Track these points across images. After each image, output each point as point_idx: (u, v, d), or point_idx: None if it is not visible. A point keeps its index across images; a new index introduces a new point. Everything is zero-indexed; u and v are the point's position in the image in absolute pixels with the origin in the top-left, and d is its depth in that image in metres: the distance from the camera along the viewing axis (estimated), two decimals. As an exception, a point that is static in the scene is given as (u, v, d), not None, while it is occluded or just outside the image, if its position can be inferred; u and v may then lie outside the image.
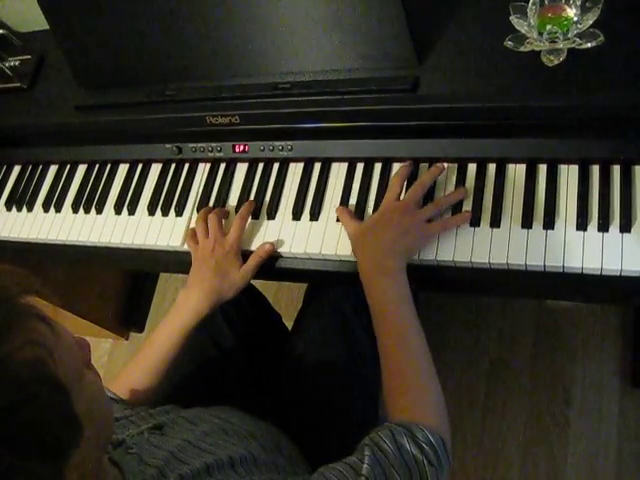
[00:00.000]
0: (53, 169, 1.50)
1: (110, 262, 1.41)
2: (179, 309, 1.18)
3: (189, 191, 1.34)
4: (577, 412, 1.75)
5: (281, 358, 1.35)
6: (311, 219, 1.22)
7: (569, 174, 1.12)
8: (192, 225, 1.29)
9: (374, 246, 1.09)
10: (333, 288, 1.35)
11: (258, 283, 1.47)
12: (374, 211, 1.18)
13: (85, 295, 2.10)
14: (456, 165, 1.18)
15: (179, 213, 1.32)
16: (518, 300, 1.89)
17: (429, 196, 1.16)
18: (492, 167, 1.17)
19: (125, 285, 2.31)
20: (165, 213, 1.33)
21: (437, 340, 1.91)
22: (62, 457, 0.61)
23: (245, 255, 1.22)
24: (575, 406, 1.76)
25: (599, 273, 1.05)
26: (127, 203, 1.38)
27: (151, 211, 1.34)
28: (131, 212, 1.36)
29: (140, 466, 0.80)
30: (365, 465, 0.83)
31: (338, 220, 1.20)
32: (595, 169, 1.11)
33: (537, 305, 1.87)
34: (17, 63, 1.49)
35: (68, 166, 1.48)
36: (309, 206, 1.23)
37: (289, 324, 1.44)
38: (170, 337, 1.16)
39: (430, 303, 1.94)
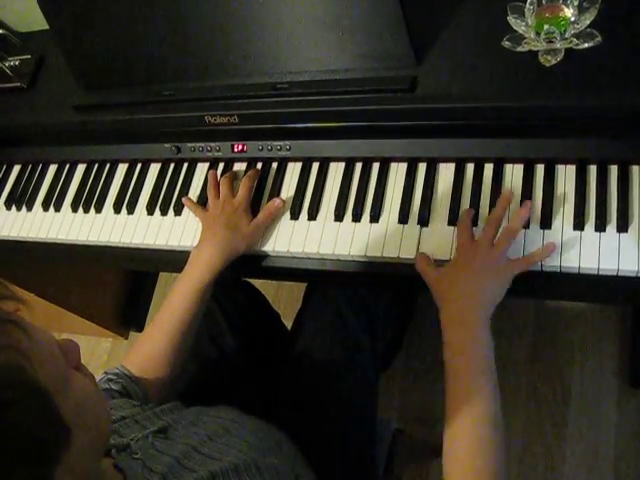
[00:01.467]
0: (52, 168, 1.51)
1: (109, 261, 1.41)
2: (192, 265, 1.18)
3: (188, 191, 1.34)
4: (575, 412, 1.75)
5: (280, 358, 1.35)
6: (309, 219, 1.22)
7: (566, 174, 1.12)
8: (190, 224, 1.30)
9: (459, 293, 1.02)
10: (332, 288, 1.35)
11: (257, 282, 1.47)
12: (372, 211, 1.18)
13: (85, 294, 2.10)
14: (454, 165, 1.18)
15: (178, 212, 1.32)
16: (516, 300, 1.89)
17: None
18: (489, 167, 1.17)
19: (125, 284, 2.32)
20: (164, 212, 1.33)
21: (435, 341, 1.91)
22: (50, 461, 0.60)
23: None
24: (573, 406, 1.76)
25: (596, 273, 1.05)
26: (126, 202, 1.38)
27: (150, 210, 1.35)
28: (130, 211, 1.37)
29: (144, 472, 0.80)
30: None
31: (336, 219, 1.20)
32: (592, 169, 1.11)
33: (535, 305, 1.87)
34: (17, 63, 1.49)
35: (67, 165, 1.49)
36: (307, 206, 1.23)
37: (288, 324, 1.44)
38: (186, 295, 1.15)
39: (429, 304, 1.94)
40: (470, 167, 1.18)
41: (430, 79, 1.14)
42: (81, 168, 1.47)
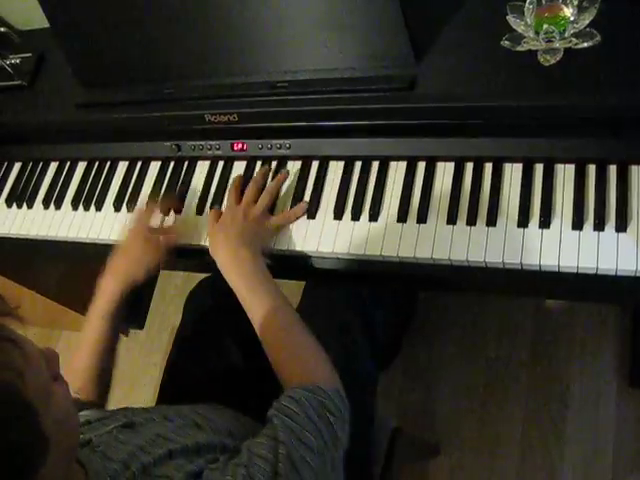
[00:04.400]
0: (53, 166, 1.51)
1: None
2: (96, 299, 1.24)
3: (187, 189, 1.34)
4: (574, 411, 1.76)
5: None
6: (308, 217, 1.22)
7: (565, 174, 1.12)
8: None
9: (225, 242, 1.15)
10: (331, 289, 1.35)
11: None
12: (371, 209, 1.18)
13: (84, 291, 2.09)
14: (453, 164, 1.19)
15: (177, 211, 1.32)
16: (516, 300, 1.89)
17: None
18: (488, 166, 1.17)
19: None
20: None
21: (436, 340, 1.92)
22: (29, 473, 0.62)
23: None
24: (572, 405, 1.76)
25: (594, 272, 1.05)
26: (126, 200, 1.38)
27: (150, 208, 1.35)
28: (130, 209, 1.37)
29: (104, 462, 0.81)
30: (279, 431, 0.87)
31: (335, 218, 1.20)
32: (591, 169, 1.11)
33: (535, 305, 1.88)
34: (18, 61, 1.50)
35: (68, 163, 1.49)
36: (306, 204, 1.23)
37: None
38: (93, 328, 1.21)
39: (430, 303, 1.95)
40: (469, 166, 1.18)
41: (429, 78, 1.15)
42: (82, 166, 1.48)
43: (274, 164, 1.30)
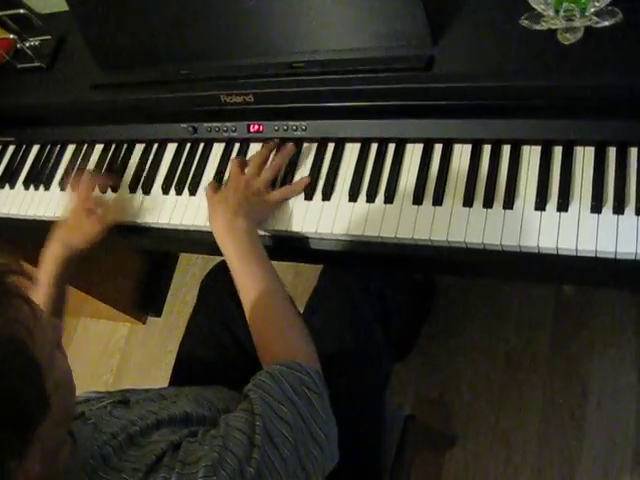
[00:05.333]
0: (71, 148, 1.51)
1: (124, 241, 1.42)
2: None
3: (203, 170, 1.34)
4: (593, 405, 1.73)
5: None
6: (323, 199, 1.21)
7: (585, 156, 1.10)
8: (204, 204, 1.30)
9: (224, 210, 1.16)
10: (347, 272, 1.34)
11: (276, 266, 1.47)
12: (387, 191, 1.17)
13: (103, 278, 2.11)
14: (470, 146, 1.17)
15: (192, 192, 1.32)
16: (536, 292, 1.86)
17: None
18: (506, 148, 1.15)
19: (143, 268, 2.32)
20: (179, 192, 1.33)
21: (454, 331, 1.90)
22: (30, 429, 0.64)
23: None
24: (591, 399, 1.74)
25: (613, 257, 1.03)
26: (142, 182, 1.38)
27: (165, 190, 1.35)
28: (146, 191, 1.37)
29: (95, 434, 0.82)
30: (256, 406, 0.87)
31: (350, 200, 1.19)
32: (612, 151, 1.09)
33: (555, 297, 1.85)
34: (37, 43, 1.50)
35: (85, 145, 1.50)
36: (321, 186, 1.22)
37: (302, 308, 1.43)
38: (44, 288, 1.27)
39: (448, 295, 1.93)
40: (487, 148, 1.16)
41: (447, 58, 1.13)
42: (99, 148, 1.48)
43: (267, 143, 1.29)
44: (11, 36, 1.46)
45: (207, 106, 1.31)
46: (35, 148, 1.56)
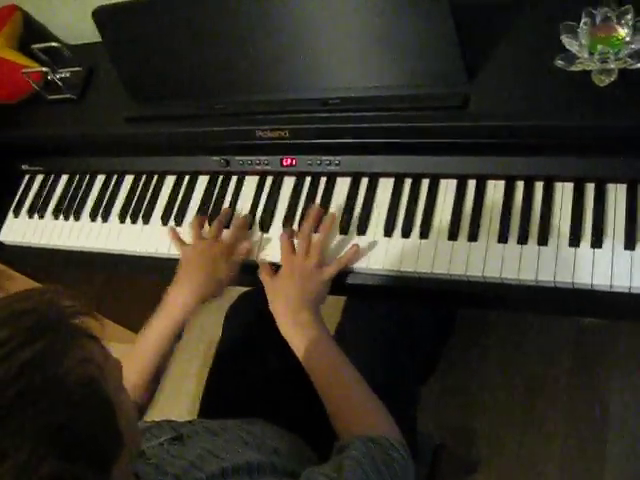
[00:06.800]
0: (100, 179, 1.53)
1: (155, 271, 1.43)
2: (169, 307, 1.22)
3: (236, 204, 1.36)
4: (616, 429, 1.74)
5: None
6: (358, 233, 1.23)
7: (617, 193, 1.12)
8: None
9: (286, 305, 1.16)
10: (377, 306, 1.36)
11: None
12: (422, 226, 1.19)
13: (121, 301, 2.12)
14: (503, 182, 1.19)
15: (226, 226, 1.33)
16: (557, 317, 1.88)
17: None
18: (539, 185, 1.17)
19: (161, 291, 2.32)
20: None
21: (474, 356, 1.91)
22: (108, 469, 0.63)
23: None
24: (614, 423, 1.75)
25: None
26: (174, 214, 1.40)
27: (198, 222, 1.36)
28: (178, 223, 1.38)
29: (158, 476, 0.83)
30: (345, 472, 0.87)
31: (386, 235, 1.21)
32: (644, 189, 1.11)
33: (576, 322, 1.86)
34: (68, 74, 1.52)
35: (115, 176, 1.51)
36: (356, 221, 1.24)
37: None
38: (161, 334, 1.20)
39: (469, 321, 1.94)
40: (520, 185, 1.18)
41: (482, 96, 1.15)
42: (129, 179, 1.49)
43: (323, 180, 1.31)
44: (44, 69, 1.47)
45: (241, 140, 1.32)
46: (64, 178, 1.57)
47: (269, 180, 1.35)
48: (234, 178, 1.39)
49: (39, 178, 1.60)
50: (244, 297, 1.53)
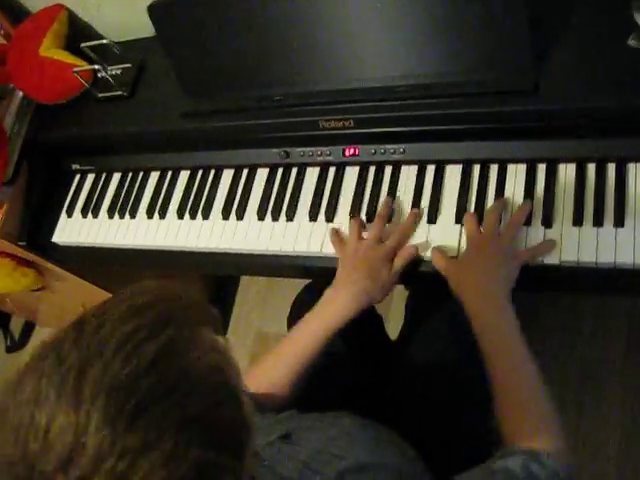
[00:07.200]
0: (154, 176, 1.52)
1: (214, 267, 1.43)
2: (326, 307, 1.16)
3: (299, 196, 1.34)
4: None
5: (385, 362, 1.35)
6: (429, 222, 1.22)
7: (692, 173, 1.11)
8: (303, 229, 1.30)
9: (475, 276, 1.10)
10: (445, 299, 1.34)
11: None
12: (494, 213, 1.18)
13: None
14: (574, 165, 1.18)
15: (290, 218, 1.33)
16: (610, 301, 1.87)
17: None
18: (611, 167, 1.16)
19: (207, 290, 2.31)
20: (275, 218, 1.34)
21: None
22: (241, 458, 0.63)
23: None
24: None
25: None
26: (235, 208, 1.38)
27: (261, 216, 1.35)
28: (239, 217, 1.37)
29: (274, 478, 0.82)
30: None
31: (457, 222, 1.20)
32: None
33: (630, 305, 1.85)
34: (118, 72, 1.51)
35: (170, 172, 1.50)
36: (426, 209, 1.23)
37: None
38: (314, 335, 1.13)
39: (521, 304, 1.92)
40: (591, 167, 1.17)
41: (552, 79, 1.14)
42: (184, 175, 1.48)
43: (388, 169, 1.30)
44: (96, 66, 1.47)
45: (303, 131, 1.31)
46: (116, 176, 1.56)
47: (331, 171, 1.34)
48: (294, 170, 1.37)
49: (90, 177, 1.59)
50: (309, 289, 1.51)
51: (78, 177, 1.61)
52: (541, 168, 1.20)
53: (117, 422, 0.54)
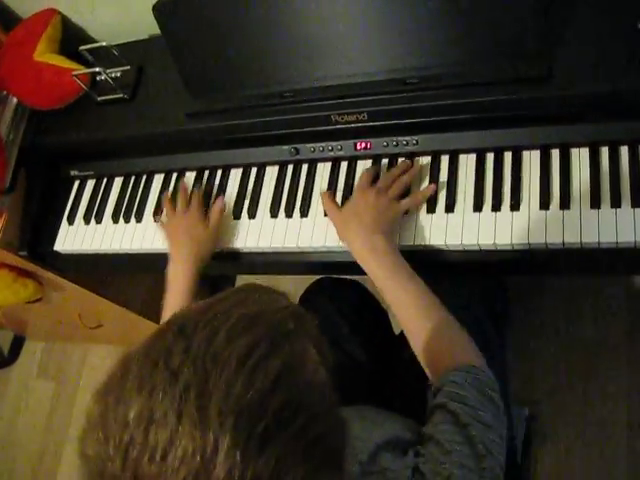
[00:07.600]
0: (158, 178, 1.50)
1: (231, 267, 1.41)
2: (175, 284, 1.27)
3: (312, 191, 1.34)
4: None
5: (392, 355, 1.36)
6: (447, 211, 1.22)
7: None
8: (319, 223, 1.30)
9: (358, 228, 1.16)
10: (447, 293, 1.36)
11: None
12: (512, 199, 1.19)
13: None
14: (587, 149, 1.19)
15: (304, 214, 1.32)
16: (606, 282, 1.89)
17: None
18: (624, 149, 1.18)
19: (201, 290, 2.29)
20: (289, 214, 1.33)
21: (529, 325, 1.91)
22: (342, 469, 0.63)
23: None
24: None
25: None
26: (246, 206, 1.37)
27: (273, 213, 1.34)
28: (251, 216, 1.36)
29: None
30: (461, 417, 0.87)
31: (475, 210, 1.21)
32: None
33: (628, 283, 1.88)
34: (118, 74, 1.48)
35: (175, 174, 1.48)
36: (444, 198, 1.23)
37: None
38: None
39: (523, 288, 1.94)
40: (605, 150, 1.18)
41: (566, 65, 1.15)
42: (190, 176, 1.46)
43: (401, 161, 1.30)
44: (96, 69, 1.44)
45: (314, 126, 1.30)
46: (118, 181, 1.54)
47: (344, 165, 1.34)
48: (304, 166, 1.37)
49: (90, 183, 1.57)
50: (318, 284, 1.51)
51: (77, 183, 1.58)
52: (555, 154, 1.21)
53: (248, 447, 0.52)
